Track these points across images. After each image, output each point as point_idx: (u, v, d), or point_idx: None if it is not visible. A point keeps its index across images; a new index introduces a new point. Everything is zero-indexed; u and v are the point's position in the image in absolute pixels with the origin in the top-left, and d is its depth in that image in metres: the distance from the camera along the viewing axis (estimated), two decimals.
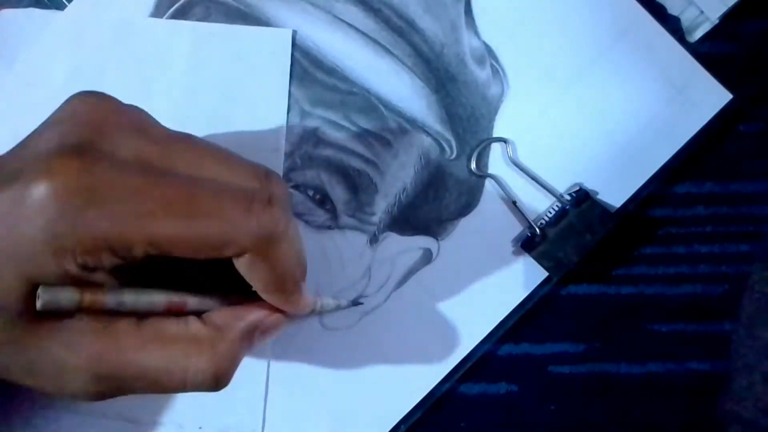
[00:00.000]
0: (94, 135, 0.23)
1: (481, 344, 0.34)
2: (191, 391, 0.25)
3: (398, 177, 0.35)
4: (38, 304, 0.22)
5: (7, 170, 0.23)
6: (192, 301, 0.26)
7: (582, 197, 0.34)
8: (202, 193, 0.23)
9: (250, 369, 0.33)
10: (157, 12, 0.35)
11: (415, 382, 0.34)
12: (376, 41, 0.35)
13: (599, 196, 0.35)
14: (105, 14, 0.35)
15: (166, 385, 0.24)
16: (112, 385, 0.24)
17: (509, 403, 0.34)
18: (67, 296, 0.22)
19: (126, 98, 0.25)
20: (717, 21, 0.34)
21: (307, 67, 0.35)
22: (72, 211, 0.22)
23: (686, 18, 0.35)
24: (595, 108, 0.35)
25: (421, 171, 0.35)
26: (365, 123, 0.35)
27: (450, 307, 0.34)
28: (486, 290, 0.34)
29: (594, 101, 0.35)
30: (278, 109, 0.34)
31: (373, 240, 0.34)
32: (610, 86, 0.35)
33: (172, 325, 0.25)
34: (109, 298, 0.23)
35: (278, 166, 0.34)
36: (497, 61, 0.35)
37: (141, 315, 0.24)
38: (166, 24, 0.35)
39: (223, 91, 0.34)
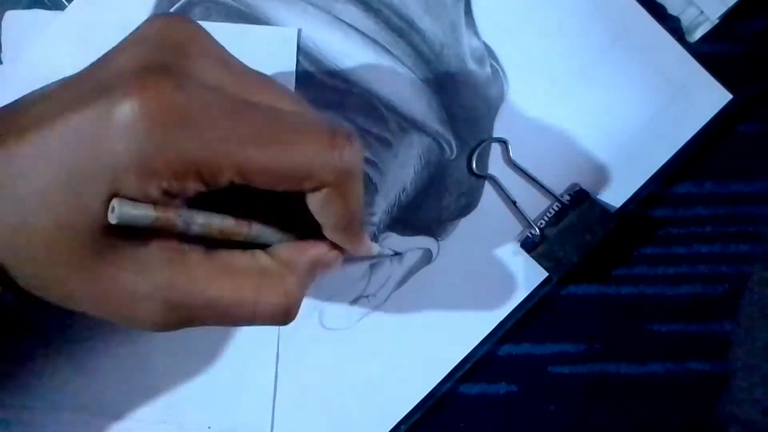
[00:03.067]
0: (181, 57, 0.22)
1: (481, 344, 0.34)
2: (259, 325, 0.25)
3: (398, 177, 0.35)
4: (112, 217, 0.21)
5: (88, 86, 0.22)
6: (257, 228, 0.25)
7: (581, 197, 0.34)
8: (289, 124, 0.23)
9: (259, 368, 0.33)
10: (157, 12, 0.35)
11: (415, 382, 0.34)
12: (376, 41, 0.35)
13: (599, 196, 0.35)
14: (105, 14, 0.35)
15: (236, 318, 0.24)
16: (182, 315, 0.24)
17: (509, 403, 0.34)
18: (142, 211, 0.21)
19: None
20: (717, 21, 0.34)
21: (307, 68, 0.35)
22: (162, 131, 0.20)
23: (686, 18, 0.35)
24: (595, 108, 0.35)
25: (421, 171, 0.35)
26: (365, 123, 0.35)
27: (450, 307, 0.34)
28: (486, 290, 0.34)
29: (594, 101, 0.35)
30: None
31: (373, 240, 0.34)
32: (610, 86, 0.35)
33: (241, 258, 0.25)
34: (182, 217, 0.22)
35: None
36: (497, 61, 0.35)
37: (209, 246, 0.24)
38: None
39: None
